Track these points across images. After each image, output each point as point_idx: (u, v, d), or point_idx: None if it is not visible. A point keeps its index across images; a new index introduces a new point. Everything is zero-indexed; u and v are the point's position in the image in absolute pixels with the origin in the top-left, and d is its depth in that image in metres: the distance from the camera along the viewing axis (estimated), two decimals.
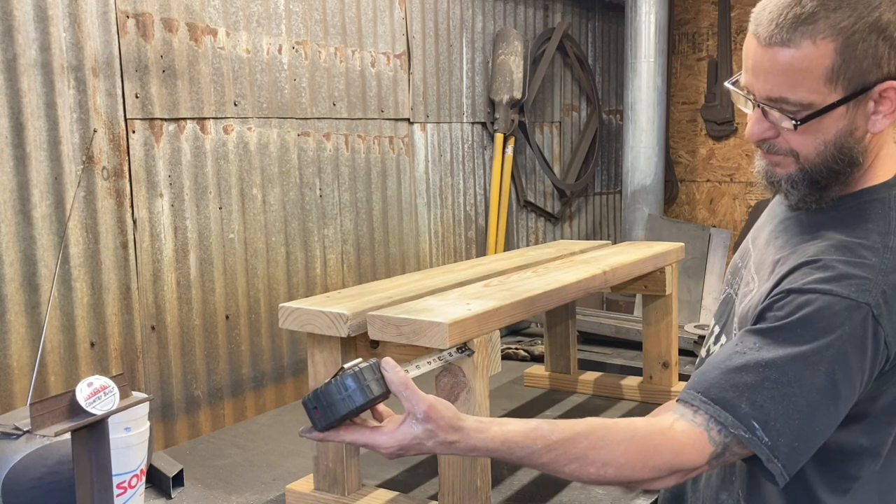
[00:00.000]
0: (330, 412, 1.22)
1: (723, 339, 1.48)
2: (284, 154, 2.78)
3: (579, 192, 4.60)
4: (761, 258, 1.40)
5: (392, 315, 1.68)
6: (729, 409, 1.21)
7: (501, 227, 3.82)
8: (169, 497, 2.02)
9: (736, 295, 1.47)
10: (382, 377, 1.25)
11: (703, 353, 1.57)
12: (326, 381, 1.24)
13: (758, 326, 1.25)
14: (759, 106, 1.27)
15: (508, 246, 3.95)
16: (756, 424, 1.19)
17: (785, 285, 1.25)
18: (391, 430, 1.24)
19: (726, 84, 1.37)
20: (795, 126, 1.22)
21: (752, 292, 1.36)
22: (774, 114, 1.25)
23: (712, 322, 1.56)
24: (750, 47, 1.29)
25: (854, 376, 1.20)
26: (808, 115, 1.21)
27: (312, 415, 1.24)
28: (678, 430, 1.23)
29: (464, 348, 1.62)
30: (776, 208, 1.47)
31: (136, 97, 2.33)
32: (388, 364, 1.26)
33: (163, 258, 2.43)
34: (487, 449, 1.24)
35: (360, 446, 1.29)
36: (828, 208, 1.31)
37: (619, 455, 1.22)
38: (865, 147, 1.25)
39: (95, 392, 1.49)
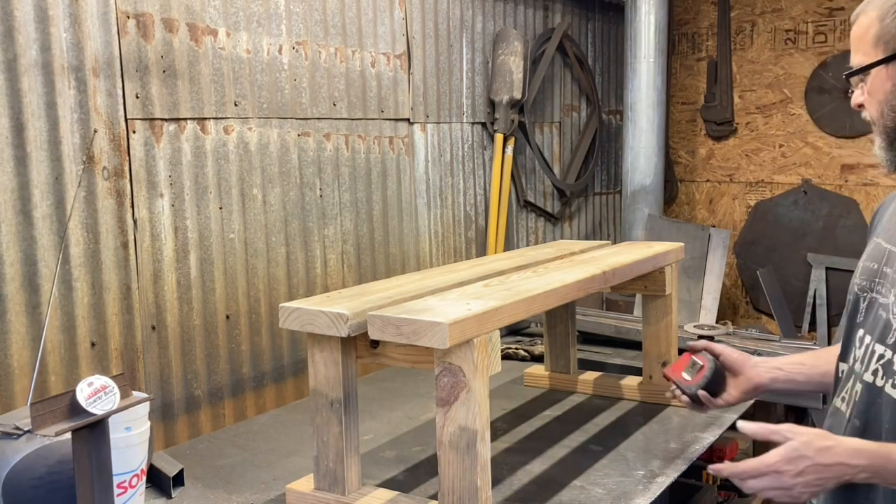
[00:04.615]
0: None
1: (880, 350, 1.48)
2: (285, 154, 2.79)
3: (579, 192, 4.60)
4: None
5: (392, 315, 1.68)
6: None
7: (501, 227, 3.82)
8: (169, 497, 2.02)
9: (881, 294, 1.51)
10: None
11: (869, 378, 1.52)
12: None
13: None
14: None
15: (508, 246, 3.95)
16: None
17: None
18: (775, 451, 1.44)
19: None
20: (847, 77, 1.51)
21: None
22: (856, 80, 1.52)
23: (862, 332, 1.54)
24: None
25: None
26: (857, 70, 1.49)
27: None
28: None
29: None
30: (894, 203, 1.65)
31: (137, 97, 2.33)
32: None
33: (163, 258, 2.43)
34: (866, 451, 1.39)
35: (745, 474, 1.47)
36: None
37: None
38: None
39: (96, 392, 1.49)
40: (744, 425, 1.50)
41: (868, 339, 1.50)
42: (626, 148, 4.39)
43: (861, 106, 1.52)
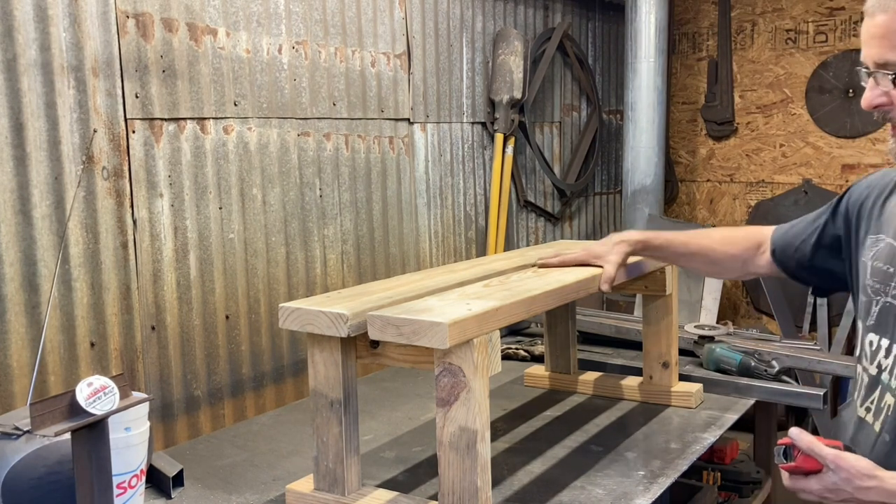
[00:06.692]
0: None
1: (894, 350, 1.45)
2: (284, 154, 2.78)
3: (579, 192, 4.60)
4: None
5: (392, 315, 1.68)
6: None
7: (501, 227, 3.81)
8: (169, 497, 2.02)
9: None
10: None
11: (872, 370, 1.52)
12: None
13: None
14: (871, 74, 1.40)
15: (508, 246, 3.95)
16: None
17: None
18: (818, 477, 1.43)
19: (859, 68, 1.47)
20: (894, 81, 1.36)
21: None
22: (883, 79, 1.38)
23: (874, 337, 1.51)
24: (863, 25, 1.42)
25: None
26: None
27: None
28: None
29: None
30: None
31: (136, 97, 2.33)
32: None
33: (163, 258, 2.43)
34: None
35: (795, 490, 1.48)
36: None
37: None
38: None
39: (95, 392, 1.49)
40: (797, 434, 1.46)
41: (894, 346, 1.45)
42: (626, 148, 4.39)
43: (879, 106, 1.40)
